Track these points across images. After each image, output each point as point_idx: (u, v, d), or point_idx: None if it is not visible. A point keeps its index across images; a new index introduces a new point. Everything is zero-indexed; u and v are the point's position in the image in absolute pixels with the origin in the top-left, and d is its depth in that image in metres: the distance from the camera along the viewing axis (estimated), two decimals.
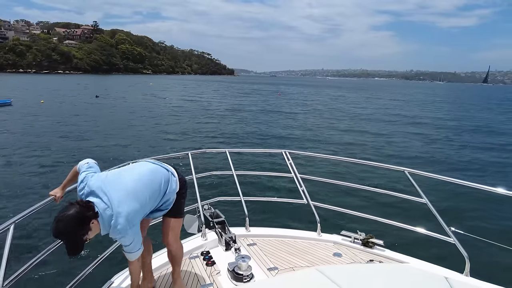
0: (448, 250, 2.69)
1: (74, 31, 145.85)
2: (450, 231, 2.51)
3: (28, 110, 22.72)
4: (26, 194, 7.76)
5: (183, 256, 2.36)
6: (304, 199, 3.30)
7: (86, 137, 14.52)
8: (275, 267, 2.64)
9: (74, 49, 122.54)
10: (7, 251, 1.74)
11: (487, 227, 6.28)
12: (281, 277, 2.28)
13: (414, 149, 13.84)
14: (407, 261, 2.68)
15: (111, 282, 2.41)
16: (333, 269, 1.78)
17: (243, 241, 3.03)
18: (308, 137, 16.02)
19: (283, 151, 3.57)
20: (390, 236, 3.80)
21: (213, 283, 2.43)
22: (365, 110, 30.18)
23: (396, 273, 1.73)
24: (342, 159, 3.84)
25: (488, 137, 18.14)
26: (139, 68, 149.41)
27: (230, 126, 18.91)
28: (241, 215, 3.20)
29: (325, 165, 10.14)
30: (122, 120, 19.53)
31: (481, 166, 11.61)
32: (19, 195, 7.74)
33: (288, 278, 1.87)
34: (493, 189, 2.54)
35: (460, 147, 14.70)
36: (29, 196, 7.61)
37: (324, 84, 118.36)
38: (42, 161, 10.62)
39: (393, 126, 20.71)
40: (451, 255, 2.77)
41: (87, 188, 1.83)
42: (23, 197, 7.59)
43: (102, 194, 1.78)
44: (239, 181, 3.36)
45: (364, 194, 7.10)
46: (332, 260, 2.76)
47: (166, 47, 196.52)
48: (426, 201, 2.71)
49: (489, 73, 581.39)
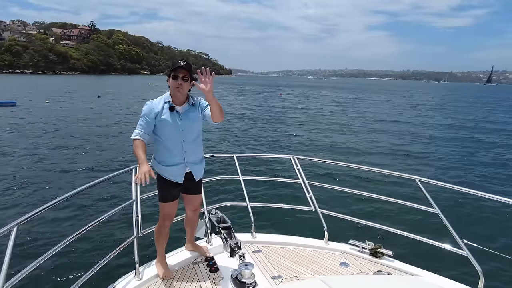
0: (461, 264, 2.61)
1: (71, 31, 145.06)
2: (463, 244, 2.43)
3: (33, 110, 22.61)
4: (30, 195, 7.76)
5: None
6: (312, 206, 3.26)
7: (93, 138, 14.48)
8: (279, 275, 2.60)
9: (71, 49, 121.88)
10: (9, 253, 1.71)
11: (503, 241, 5.95)
12: (284, 287, 2.25)
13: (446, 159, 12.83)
14: (416, 273, 2.62)
15: (113, 286, 2.39)
16: (338, 280, 1.73)
17: (248, 248, 3.00)
18: (317, 143, 15.56)
19: (291, 156, 3.52)
20: (400, 246, 3.73)
21: None
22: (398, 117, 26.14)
23: (404, 286, 1.67)
24: (351, 165, 3.78)
25: None
26: (136, 68, 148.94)
27: (237, 129, 18.71)
28: (247, 221, 3.16)
29: (334, 172, 9.91)
30: (126, 121, 19.43)
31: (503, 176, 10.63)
32: (24, 195, 7.73)
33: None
34: (509, 200, 2.47)
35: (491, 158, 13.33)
36: (34, 197, 7.61)
37: (329, 85, 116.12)
38: (49, 161, 10.62)
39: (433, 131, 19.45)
40: (463, 269, 2.71)
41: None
42: (28, 197, 7.58)
43: None
44: (246, 186, 3.32)
45: (373, 202, 6.90)
46: (338, 270, 2.72)
47: (163, 47, 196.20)
48: (438, 211, 2.63)
49: (484, 73, 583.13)
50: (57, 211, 6.48)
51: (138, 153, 2.24)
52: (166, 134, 2.37)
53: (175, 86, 2.30)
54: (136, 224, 2.58)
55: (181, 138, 2.39)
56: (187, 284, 2.48)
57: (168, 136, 2.37)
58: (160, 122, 2.34)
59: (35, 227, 5.88)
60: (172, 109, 2.34)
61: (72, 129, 16.53)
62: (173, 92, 2.35)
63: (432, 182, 2.84)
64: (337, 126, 20.88)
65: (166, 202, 2.51)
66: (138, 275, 2.49)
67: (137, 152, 2.25)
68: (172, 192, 2.49)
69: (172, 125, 2.35)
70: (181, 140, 2.40)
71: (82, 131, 15.94)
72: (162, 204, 2.52)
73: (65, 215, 6.50)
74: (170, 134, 2.37)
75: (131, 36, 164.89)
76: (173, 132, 2.37)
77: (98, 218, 2.46)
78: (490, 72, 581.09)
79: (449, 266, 3.84)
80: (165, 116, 2.34)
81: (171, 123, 2.35)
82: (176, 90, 2.31)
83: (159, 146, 2.43)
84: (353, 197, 7.16)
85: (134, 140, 2.31)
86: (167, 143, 2.39)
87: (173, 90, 2.34)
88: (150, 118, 2.32)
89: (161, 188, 2.50)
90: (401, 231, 2.91)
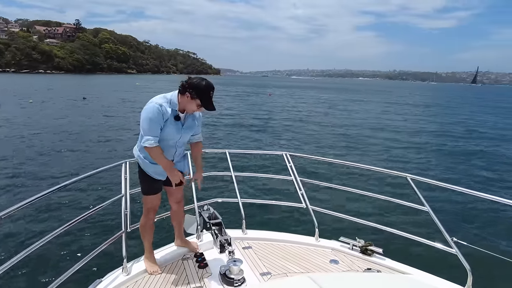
0: (450, 262, 2.64)
1: (55, 29, 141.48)
2: (452, 242, 2.45)
3: (18, 110, 21.99)
4: (13, 190, 7.71)
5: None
6: (303, 203, 3.26)
7: (79, 137, 14.30)
8: (268, 272, 2.60)
9: (56, 48, 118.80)
10: None
11: (491, 239, 6.05)
12: (271, 284, 2.26)
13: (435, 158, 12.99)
14: (406, 271, 2.64)
15: (100, 281, 2.36)
16: (326, 277, 1.73)
17: (238, 244, 3.00)
18: (310, 140, 15.71)
19: (284, 153, 3.51)
20: (390, 244, 3.76)
21: (203, 286, 2.39)
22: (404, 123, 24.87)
23: (392, 283, 1.68)
24: (343, 162, 3.81)
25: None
26: (123, 67, 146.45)
27: (228, 126, 18.65)
28: (238, 217, 3.16)
29: (326, 169, 9.97)
30: (115, 121, 19.13)
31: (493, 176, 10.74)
32: (6, 191, 7.66)
33: (278, 285, 1.84)
34: (499, 199, 2.48)
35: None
36: (17, 193, 7.52)
37: (318, 86, 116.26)
38: (35, 159, 10.41)
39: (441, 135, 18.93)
40: (452, 267, 2.73)
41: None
42: (11, 193, 7.52)
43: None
44: (237, 182, 3.32)
45: (365, 199, 6.96)
46: (328, 267, 2.72)
47: (150, 47, 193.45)
48: (428, 209, 2.65)
49: (467, 74, 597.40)
50: (44, 205, 6.38)
51: (164, 160, 2.35)
52: (164, 137, 2.37)
53: (194, 110, 2.36)
54: (125, 219, 2.56)
55: (176, 143, 2.45)
56: (175, 280, 2.46)
57: (165, 139, 2.38)
58: (164, 127, 2.33)
59: (21, 221, 5.79)
60: (177, 118, 2.35)
61: (57, 128, 16.16)
62: (187, 108, 2.36)
63: (423, 180, 2.86)
64: (329, 125, 21.06)
65: (149, 195, 2.52)
66: (126, 271, 2.46)
67: (162, 159, 2.34)
68: (154, 185, 2.51)
69: (174, 132, 2.37)
70: (175, 144, 2.45)
71: (68, 130, 15.61)
72: (146, 197, 2.53)
73: (52, 209, 6.40)
74: (168, 138, 2.38)
75: (118, 35, 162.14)
76: (171, 137, 2.39)
77: (86, 212, 2.42)
78: (475, 73, 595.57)
79: (438, 264, 3.90)
80: (170, 122, 2.34)
81: (175, 130, 2.37)
82: (192, 111, 2.37)
83: None
84: (345, 195, 7.19)
85: (153, 148, 2.29)
86: (161, 144, 2.38)
87: (189, 108, 2.36)
88: (161, 122, 2.30)
89: (144, 181, 2.51)
90: (391, 229, 2.93)
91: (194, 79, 2.30)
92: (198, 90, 2.25)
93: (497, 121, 27.60)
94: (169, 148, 2.44)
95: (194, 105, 2.30)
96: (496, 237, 6.13)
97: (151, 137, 2.26)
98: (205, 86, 2.26)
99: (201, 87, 2.25)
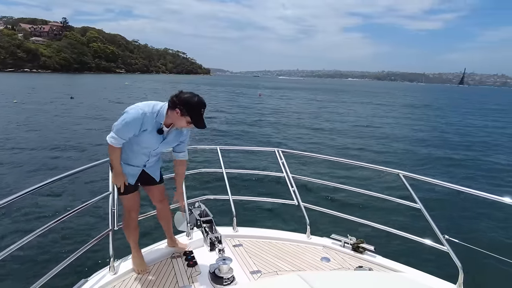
0: (441, 259, 2.63)
1: (42, 27, 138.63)
2: (444, 239, 2.45)
3: (1, 110, 21.42)
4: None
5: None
6: (295, 200, 3.23)
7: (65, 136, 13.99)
8: (259, 270, 2.56)
9: (42, 46, 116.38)
10: None
11: (482, 236, 6.09)
12: (261, 283, 2.23)
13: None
14: (398, 269, 2.63)
15: (86, 281, 2.30)
16: (316, 275, 1.72)
17: (229, 242, 2.96)
18: (301, 140, 15.65)
19: (276, 149, 3.48)
20: (382, 241, 3.77)
21: (192, 284, 2.35)
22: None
23: (384, 282, 1.66)
24: (336, 159, 3.79)
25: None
26: (111, 67, 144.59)
27: (222, 124, 18.58)
28: (229, 214, 3.12)
29: (318, 166, 9.94)
30: (102, 120, 18.79)
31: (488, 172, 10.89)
32: None
33: (267, 284, 1.81)
34: (491, 196, 2.47)
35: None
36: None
37: (307, 87, 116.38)
38: (21, 158, 10.23)
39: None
40: (444, 264, 2.73)
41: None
42: None
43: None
44: (228, 179, 3.27)
45: (357, 196, 6.93)
46: (319, 265, 2.69)
47: (139, 46, 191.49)
48: (421, 206, 2.65)
49: (454, 75, 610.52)
50: (29, 203, 6.23)
51: (117, 164, 2.28)
52: (140, 143, 2.29)
53: (183, 126, 2.24)
54: (112, 217, 2.50)
55: (151, 152, 2.38)
56: (163, 279, 2.41)
57: (140, 145, 2.31)
58: (143, 135, 2.24)
59: (3, 219, 5.67)
60: (160, 132, 2.26)
61: (42, 127, 15.82)
62: (176, 124, 2.25)
63: (415, 176, 2.85)
64: (321, 124, 21.16)
65: (125, 194, 2.43)
66: (113, 270, 2.41)
67: (116, 163, 2.28)
68: (128, 186, 2.42)
69: (152, 142, 2.30)
70: (149, 153, 2.38)
71: (54, 130, 15.32)
72: (122, 197, 2.44)
73: (36, 207, 6.24)
74: (144, 145, 2.31)
75: (106, 34, 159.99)
76: (147, 145, 2.32)
77: (72, 210, 2.36)
78: (463, 74, 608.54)
79: (430, 261, 3.92)
80: (150, 132, 2.24)
81: (154, 140, 2.29)
82: (181, 127, 2.27)
83: (125, 147, 2.31)
84: (337, 192, 7.22)
85: (114, 148, 2.22)
86: (136, 148, 2.32)
87: (178, 124, 2.24)
88: (136, 130, 2.19)
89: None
90: (383, 226, 2.92)
91: (185, 94, 2.15)
92: (188, 106, 2.11)
93: (486, 124, 28.20)
94: (142, 155, 2.37)
95: (183, 122, 2.17)
96: (488, 235, 6.17)
97: (118, 138, 2.20)
98: (196, 103, 2.12)
99: (192, 104, 2.11)
